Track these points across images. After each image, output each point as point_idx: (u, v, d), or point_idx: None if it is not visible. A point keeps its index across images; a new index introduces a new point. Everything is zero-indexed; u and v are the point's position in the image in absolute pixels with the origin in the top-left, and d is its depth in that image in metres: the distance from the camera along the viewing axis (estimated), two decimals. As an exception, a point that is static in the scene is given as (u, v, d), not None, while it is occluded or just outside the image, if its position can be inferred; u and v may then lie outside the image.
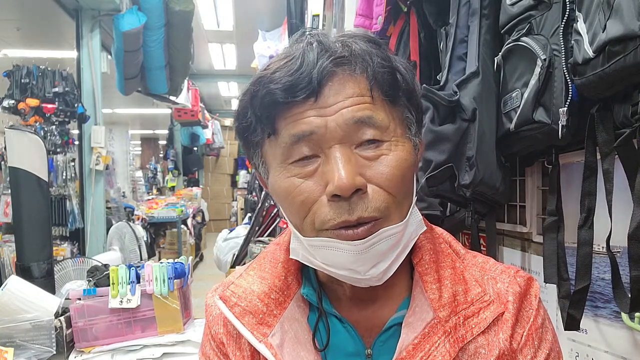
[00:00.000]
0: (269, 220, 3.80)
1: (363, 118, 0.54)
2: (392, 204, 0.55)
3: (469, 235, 1.14)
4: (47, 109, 3.71)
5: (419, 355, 0.57)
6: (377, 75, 0.55)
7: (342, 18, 1.96)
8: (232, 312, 0.63)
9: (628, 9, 0.61)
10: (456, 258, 0.65)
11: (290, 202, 0.56)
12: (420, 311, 0.60)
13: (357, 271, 0.56)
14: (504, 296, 0.61)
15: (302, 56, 0.55)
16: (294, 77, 0.53)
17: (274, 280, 0.65)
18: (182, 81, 5.10)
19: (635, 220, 0.66)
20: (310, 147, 0.55)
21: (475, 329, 0.59)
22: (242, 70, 7.69)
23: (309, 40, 0.57)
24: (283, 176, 0.57)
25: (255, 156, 0.62)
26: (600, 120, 0.74)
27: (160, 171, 9.85)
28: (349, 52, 0.55)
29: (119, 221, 4.12)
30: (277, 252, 0.68)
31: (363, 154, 0.55)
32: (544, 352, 0.60)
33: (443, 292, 0.60)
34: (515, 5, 0.89)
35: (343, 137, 0.54)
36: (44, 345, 1.52)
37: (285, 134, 0.55)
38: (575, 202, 0.86)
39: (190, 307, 1.80)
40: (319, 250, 0.57)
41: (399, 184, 0.55)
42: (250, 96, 0.57)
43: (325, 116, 0.54)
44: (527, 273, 0.65)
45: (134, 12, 3.88)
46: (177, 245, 6.34)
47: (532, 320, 0.61)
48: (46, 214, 1.90)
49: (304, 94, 0.53)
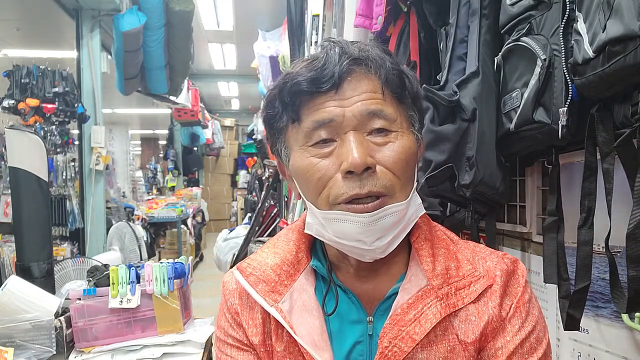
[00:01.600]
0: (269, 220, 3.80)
1: (375, 110, 0.63)
2: (397, 184, 0.63)
3: (469, 235, 1.14)
4: (47, 109, 3.70)
5: (413, 313, 0.65)
6: (389, 76, 0.65)
7: (342, 18, 1.96)
8: (247, 280, 0.71)
9: (628, 9, 0.61)
10: (450, 242, 0.73)
11: (309, 178, 0.65)
12: (415, 279, 0.68)
13: (364, 242, 0.63)
14: (492, 272, 0.69)
15: (325, 57, 0.64)
16: (318, 72, 0.63)
17: (286, 255, 0.73)
18: (182, 81, 5.10)
19: (633, 220, 0.67)
20: (328, 132, 0.64)
21: (466, 298, 0.66)
22: (242, 70, 7.68)
23: (331, 45, 0.66)
24: (303, 157, 0.65)
25: (278, 141, 0.70)
26: (600, 120, 0.74)
27: (160, 171, 9.85)
28: (365, 56, 0.65)
29: (119, 221, 4.11)
30: (290, 233, 0.77)
31: (373, 140, 0.64)
32: (531, 324, 0.67)
33: (436, 265, 0.68)
34: (515, 5, 0.89)
35: (357, 125, 0.63)
36: (44, 345, 1.52)
37: (307, 120, 0.64)
38: (575, 202, 0.86)
39: (190, 307, 1.80)
40: (331, 223, 0.64)
41: (404, 167, 0.64)
42: (279, 89, 0.66)
43: (343, 107, 0.63)
44: (513, 256, 0.73)
45: (134, 12, 3.88)
46: (177, 245, 6.34)
47: (520, 295, 0.68)
48: (46, 214, 1.90)
49: (326, 86, 0.63)
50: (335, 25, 2.17)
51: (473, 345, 0.65)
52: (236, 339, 0.73)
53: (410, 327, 0.64)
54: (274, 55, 4.17)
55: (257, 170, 7.61)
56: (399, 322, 0.65)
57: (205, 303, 4.43)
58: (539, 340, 0.67)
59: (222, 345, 0.75)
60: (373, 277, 0.71)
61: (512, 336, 0.66)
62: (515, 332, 0.66)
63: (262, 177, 6.37)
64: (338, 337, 0.69)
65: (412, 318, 0.64)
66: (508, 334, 0.66)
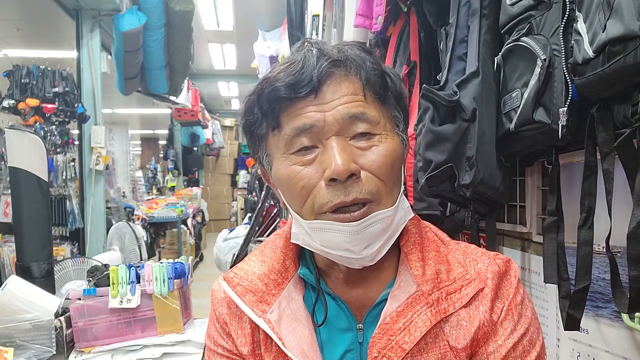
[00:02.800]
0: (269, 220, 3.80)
1: (357, 114, 0.61)
2: (383, 189, 0.62)
3: (469, 235, 1.14)
4: (47, 109, 3.70)
5: (402, 321, 0.63)
6: (369, 77, 0.62)
7: (342, 18, 1.96)
8: (235, 291, 0.70)
9: (628, 9, 0.61)
10: (440, 244, 0.71)
11: (292, 187, 0.63)
12: (405, 285, 0.66)
13: (353, 251, 0.61)
14: (483, 274, 0.67)
15: (303, 60, 0.62)
16: (297, 77, 0.60)
17: (273, 263, 0.71)
18: (182, 81, 5.10)
19: (634, 220, 0.66)
20: (310, 138, 0.61)
21: (457, 303, 0.64)
22: (242, 70, 7.69)
23: (309, 47, 0.64)
24: (285, 165, 0.63)
25: (260, 149, 0.68)
26: (600, 120, 0.74)
27: (160, 171, 9.85)
28: (344, 57, 0.62)
29: (119, 221, 4.11)
30: (277, 240, 0.75)
31: (357, 144, 0.61)
32: (523, 327, 0.65)
33: (426, 270, 0.66)
34: (515, 5, 0.89)
35: (339, 130, 0.61)
36: (44, 345, 1.52)
37: (287, 127, 0.62)
38: (575, 202, 0.86)
39: (190, 307, 1.80)
40: (317, 233, 0.63)
41: (389, 171, 0.62)
42: (257, 95, 0.64)
43: (323, 111, 0.61)
44: (506, 256, 0.71)
45: (134, 12, 3.88)
46: (177, 245, 6.34)
47: (512, 297, 0.66)
48: (46, 214, 1.90)
49: (305, 90, 0.60)
50: (335, 25, 2.17)
51: (464, 351, 0.63)
52: (225, 348, 0.72)
53: (399, 336, 0.62)
54: (274, 55, 4.17)
55: (257, 170, 7.61)
56: (388, 331, 0.63)
57: (205, 303, 4.40)
58: (532, 342, 0.65)
59: (212, 354, 0.74)
60: (362, 284, 0.69)
61: (504, 340, 0.64)
62: (508, 335, 0.64)
63: (262, 177, 6.36)
64: (328, 345, 0.68)
65: (401, 327, 0.63)
66: (500, 338, 0.64)
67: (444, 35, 1.09)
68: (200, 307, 2.26)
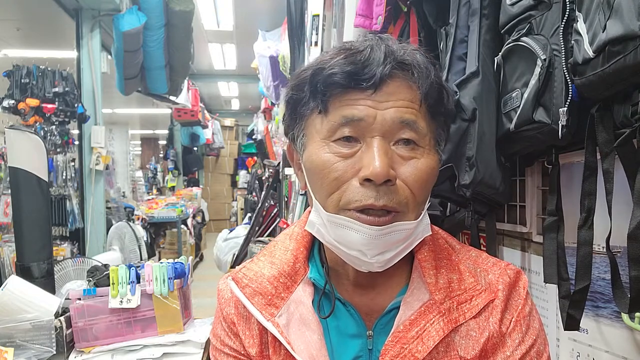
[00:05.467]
0: (269, 220, 3.80)
1: (408, 121, 0.60)
2: (412, 203, 0.61)
3: (469, 235, 1.14)
4: (47, 109, 3.70)
5: (415, 330, 0.63)
6: (430, 89, 0.62)
7: (342, 18, 1.96)
8: (243, 292, 0.69)
9: (628, 9, 0.61)
10: (452, 252, 0.71)
11: (324, 176, 0.61)
12: (418, 292, 0.66)
13: (365, 254, 0.61)
14: (494, 285, 0.67)
15: (370, 52, 0.60)
16: (359, 68, 0.59)
17: (283, 266, 0.71)
18: (182, 81, 5.10)
19: (634, 220, 0.66)
20: (354, 131, 0.60)
21: (468, 313, 0.64)
22: (242, 70, 7.68)
23: (377, 41, 0.62)
24: (323, 150, 0.62)
25: (297, 127, 0.67)
26: (600, 120, 0.74)
27: (160, 171, 9.86)
28: (411, 62, 0.61)
29: (119, 221, 4.12)
30: (287, 241, 0.74)
31: (398, 151, 0.61)
32: (531, 338, 0.66)
33: (439, 278, 0.66)
34: (515, 5, 0.89)
35: (386, 132, 0.60)
36: (44, 345, 1.52)
37: (335, 114, 0.61)
38: (575, 202, 0.86)
39: (190, 307, 1.80)
40: (335, 228, 0.62)
41: (422, 187, 0.62)
42: (312, 72, 0.62)
43: (377, 109, 0.60)
44: (516, 267, 0.71)
45: (134, 12, 3.88)
46: (177, 245, 6.34)
47: (521, 308, 0.66)
48: (46, 214, 1.90)
49: (366, 84, 0.59)
50: (335, 25, 2.17)
51: None
52: (233, 348, 0.71)
53: (412, 344, 0.62)
54: (274, 55, 4.17)
55: (257, 170, 7.61)
56: (401, 339, 0.63)
57: (205, 303, 4.42)
58: (540, 353, 0.66)
59: (218, 354, 0.73)
60: (371, 289, 0.69)
61: (512, 351, 0.64)
62: (516, 346, 0.65)
63: (262, 177, 6.37)
64: (337, 351, 0.67)
65: (414, 335, 0.62)
66: (508, 349, 0.64)
67: (444, 35, 1.09)
68: (201, 307, 2.26)
